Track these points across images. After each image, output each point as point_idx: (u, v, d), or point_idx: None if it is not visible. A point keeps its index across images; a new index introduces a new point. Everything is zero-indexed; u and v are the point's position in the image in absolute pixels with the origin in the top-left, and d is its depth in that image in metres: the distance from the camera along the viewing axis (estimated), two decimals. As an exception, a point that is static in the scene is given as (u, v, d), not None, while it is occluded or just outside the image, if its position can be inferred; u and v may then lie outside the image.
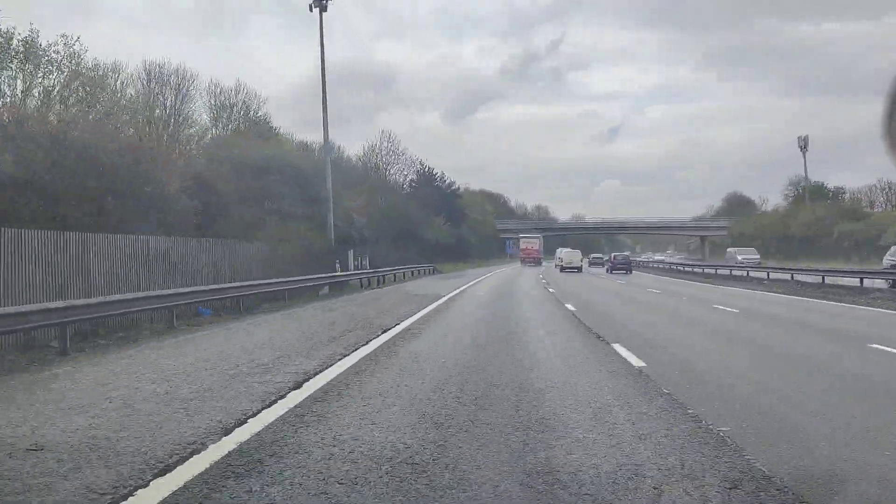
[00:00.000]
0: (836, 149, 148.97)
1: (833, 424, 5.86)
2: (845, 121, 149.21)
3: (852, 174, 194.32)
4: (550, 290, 28.72)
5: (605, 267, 60.59)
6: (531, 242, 77.27)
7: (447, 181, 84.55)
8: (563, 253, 62.41)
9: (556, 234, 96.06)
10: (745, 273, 39.10)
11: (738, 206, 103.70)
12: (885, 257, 36.39)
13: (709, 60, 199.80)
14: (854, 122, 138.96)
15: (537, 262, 72.02)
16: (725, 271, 44.02)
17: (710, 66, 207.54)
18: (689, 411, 6.26)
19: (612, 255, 66.72)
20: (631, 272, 54.43)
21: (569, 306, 19.28)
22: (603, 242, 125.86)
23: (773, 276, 34.86)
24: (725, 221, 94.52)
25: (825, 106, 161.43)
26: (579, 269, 57.37)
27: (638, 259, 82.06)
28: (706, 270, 48.51)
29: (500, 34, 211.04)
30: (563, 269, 57.48)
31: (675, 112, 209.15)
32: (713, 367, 9.25)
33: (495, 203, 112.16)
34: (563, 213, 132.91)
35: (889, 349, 10.65)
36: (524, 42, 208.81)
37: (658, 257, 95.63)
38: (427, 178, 79.49)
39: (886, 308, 18.71)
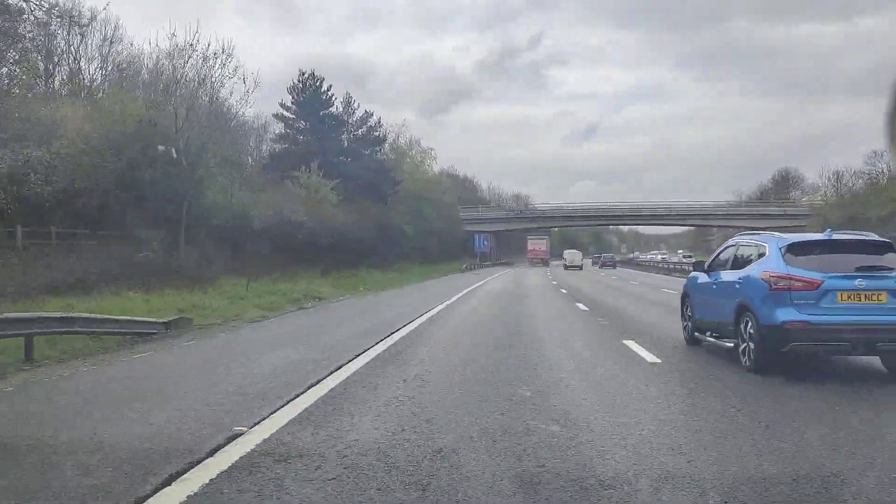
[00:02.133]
0: (807, 147, 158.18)
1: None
2: (818, 120, 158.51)
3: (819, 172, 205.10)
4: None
5: (598, 264, 74.68)
6: (538, 244, 77.78)
7: (354, 104, 47.94)
8: (567, 254, 70.41)
9: (541, 227, 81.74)
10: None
11: (786, 186, 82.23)
12: None
13: (686, 61, 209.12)
14: (826, 121, 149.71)
15: (545, 263, 72.78)
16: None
17: (687, 67, 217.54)
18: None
19: (602, 255, 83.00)
20: (616, 267, 66.93)
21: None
22: (588, 242, 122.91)
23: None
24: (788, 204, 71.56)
25: (799, 106, 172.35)
26: (580, 268, 63.37)
27: (644, 258, 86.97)
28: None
29: (479, 28, 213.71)
30: (566, 267, 63.56)
31: (653, 112, 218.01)
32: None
33: (461, 187, 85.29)
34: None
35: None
36: (503, 38, 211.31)
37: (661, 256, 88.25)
38: (312, 94, 43.84)
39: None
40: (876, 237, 7.90)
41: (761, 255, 7.98)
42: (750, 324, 7.66)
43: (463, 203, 76.00)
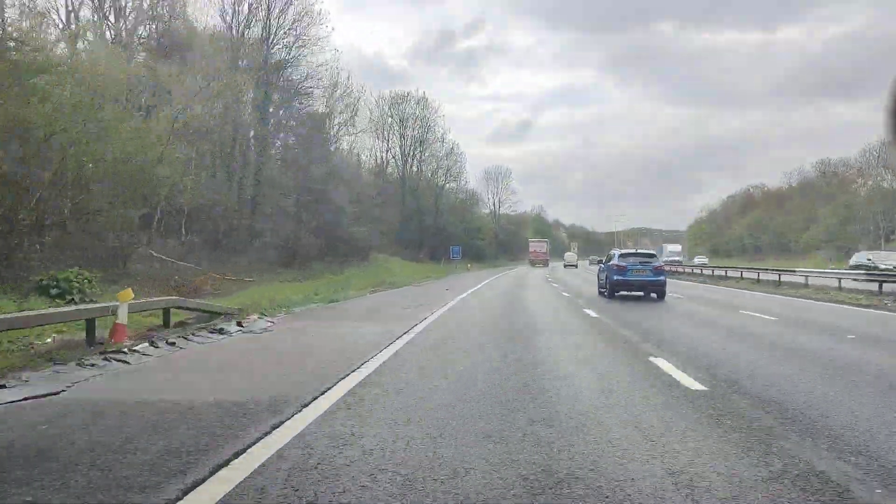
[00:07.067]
0: (721, 154, 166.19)
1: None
2: (734, 127, 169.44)
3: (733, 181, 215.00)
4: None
5: (588, 261, 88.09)
6: (539, 246, 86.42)
7: None
8: (566, 255, 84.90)
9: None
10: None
11: None
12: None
13: (609, 64, 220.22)
14: (742, 128, 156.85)
15: (545, 264, 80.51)
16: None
17: (610, 71, 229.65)
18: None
19: (590, 257, 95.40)
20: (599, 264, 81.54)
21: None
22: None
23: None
24: None
25: (717, 111, 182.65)
26: (576, 266, 76.09)
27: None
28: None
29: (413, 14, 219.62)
30: (565, 266, 76.69)
31: (576, 114, 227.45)
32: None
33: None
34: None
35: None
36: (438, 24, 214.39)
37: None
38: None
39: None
40: (652, 251, 22.08)
41: (614, 257, 22.06)
42: (608, 282, 21.71)
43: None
